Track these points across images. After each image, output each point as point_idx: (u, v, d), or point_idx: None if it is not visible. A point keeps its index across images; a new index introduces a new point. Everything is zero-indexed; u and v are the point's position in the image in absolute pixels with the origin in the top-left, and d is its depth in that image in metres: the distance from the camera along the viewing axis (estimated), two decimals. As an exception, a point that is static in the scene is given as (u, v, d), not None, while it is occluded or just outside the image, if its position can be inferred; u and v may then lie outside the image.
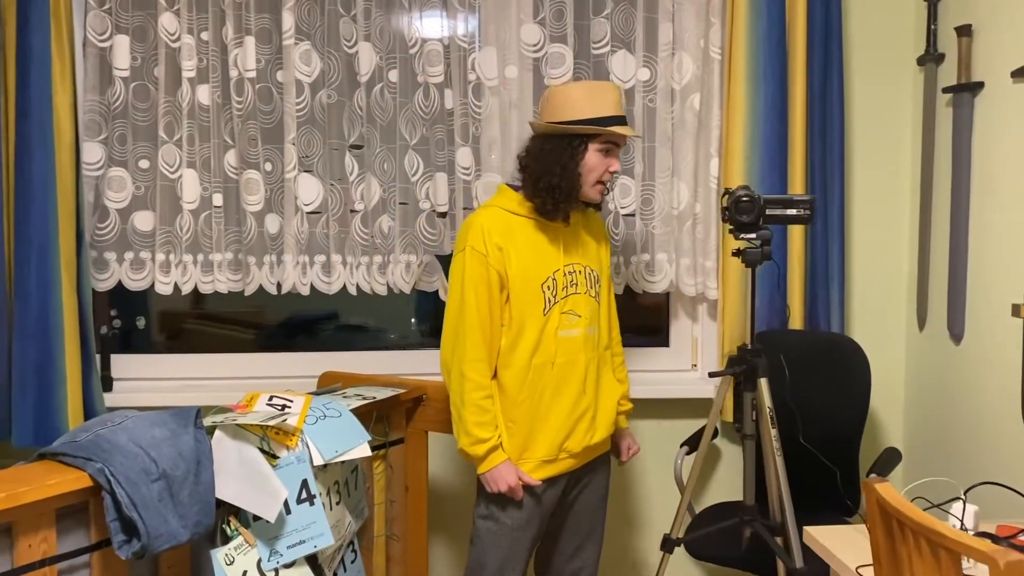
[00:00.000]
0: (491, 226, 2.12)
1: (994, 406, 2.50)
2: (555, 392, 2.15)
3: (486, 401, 2.10)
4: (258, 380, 2.88)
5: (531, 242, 2.16)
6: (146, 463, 1.68)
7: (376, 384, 2.47)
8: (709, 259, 2.81)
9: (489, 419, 2.10)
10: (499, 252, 2.11)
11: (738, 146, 2.74)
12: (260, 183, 2.69)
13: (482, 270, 2.10)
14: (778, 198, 1.87)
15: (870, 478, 1.43)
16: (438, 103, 2.73)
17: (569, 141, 2.10)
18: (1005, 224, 2.47)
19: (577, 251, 2.23)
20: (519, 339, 2.12)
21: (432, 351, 2.94)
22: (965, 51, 2.63)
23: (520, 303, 2.13)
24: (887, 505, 1.35)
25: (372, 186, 2.73)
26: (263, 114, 2.70)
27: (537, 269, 2.15)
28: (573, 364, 2.17)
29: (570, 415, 2.15)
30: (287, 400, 2.08)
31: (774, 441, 1.88)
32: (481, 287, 2.09)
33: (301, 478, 1.96)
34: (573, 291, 2.19)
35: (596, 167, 2.13)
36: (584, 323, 2.19)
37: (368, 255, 2.77)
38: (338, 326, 3.19)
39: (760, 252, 1.89)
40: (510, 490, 2.09)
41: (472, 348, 2.09)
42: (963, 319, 2.65)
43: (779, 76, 2.73)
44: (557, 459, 2.16)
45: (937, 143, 2.80)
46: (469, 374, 2.09)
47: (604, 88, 2.14)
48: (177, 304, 3.00)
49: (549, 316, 2.15)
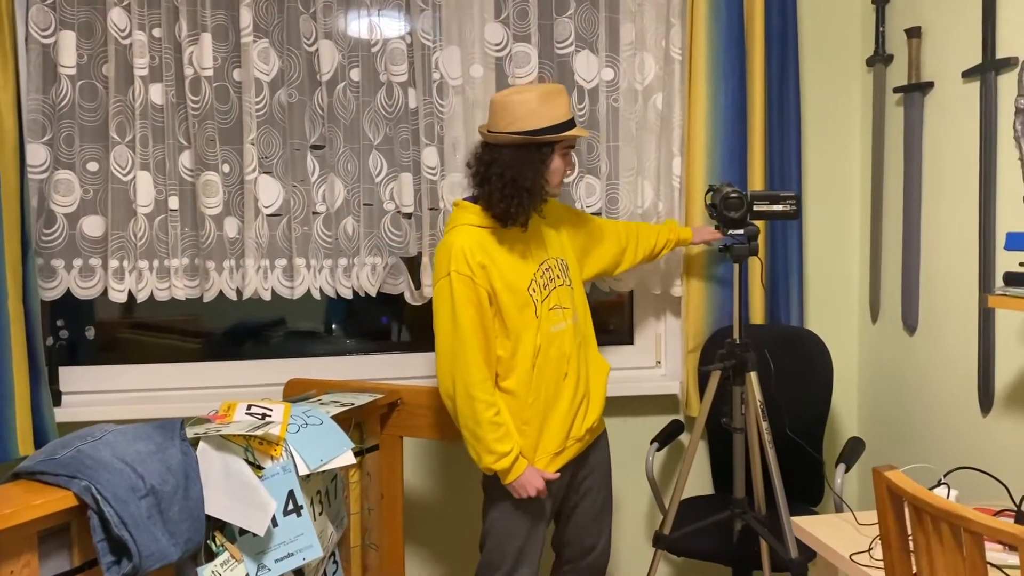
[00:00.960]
0: (470, 246, 2.16)
1: (951, 395, 2.59)
2: (557, 386, 2.22)
3: (498, 417, 2.15)
4: (215, 390, 2.78)
5: (506, 252, 2.21)
6: (133, 479, 1.59)
7: (349, 390, 2.41)
8: (673, 256, 2.83)
9: (505, 432, 2.16)
10: (483, 270, 2.16)
11: (700, 144, 2.77)
12: (218, 185, 2.60)
13: (470, 292, 2.14)
14: (765, 194, 1.90)
15: (882, 466, 1.45)
16: (402, 102, 2.68)
17: (538, 149, 2.18)
18: (955, 218, 2.57)
19: (545, 246, 2.31)
20: (519, 346, 2.18)
21: (394, 355, 2.92)
22: (915, 52, 2.72)
23: (512, 313, 2.18)
24: (902, 492, 1.38)
25: (335, 187, 2.67)
26: (220, 114, 2.60)
27: (520, 277, 2.21)
28: (567, 356, 2.25)
29: (571, 404, 2.24)
30: (267, 409, 2.01)
31: (765, 434, 1.91)
32: (472, 309, 2.13)
33: (287, 489, 1.90)
34: (553, 286, 2.27)
35: (559, 169, 2.24)
36: (570, 313, 2.28)
37: (332, 258, 2.71)
38: (288, 332, 3.11)
39: (747, 247, 1.91)
40: (539, 492, 2.17)
41: (476, 370, 2.13)
42: (917, 310, 2.75)
43: (738, 75, 2.78)
44: (565, 448, 2.25)
45: (887, 141, 2.89)
46: (478, 395, 2.13)
47: (556, 92, 2.20)
48: (113, 313, 2.88)
49: (540, 319, 2.22)
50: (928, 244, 2.70)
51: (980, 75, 2.44)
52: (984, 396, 2.45)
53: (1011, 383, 2.37)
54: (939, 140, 2.64)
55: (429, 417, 2.39)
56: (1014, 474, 2.34)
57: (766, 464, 2.08)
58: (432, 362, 2.85)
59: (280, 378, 2.71)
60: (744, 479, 2.08)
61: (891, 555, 1.46)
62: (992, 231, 2.41)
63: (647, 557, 2.99)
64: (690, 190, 2.80)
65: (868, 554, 1.79)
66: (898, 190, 2.83)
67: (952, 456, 2.57)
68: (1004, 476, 2.35)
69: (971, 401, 2.51)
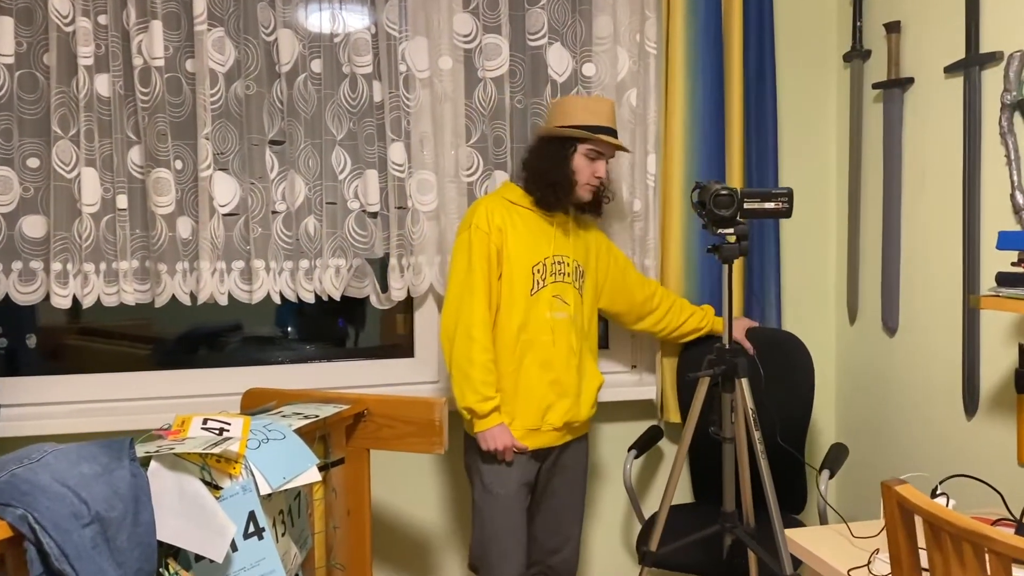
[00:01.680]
0: (493, 209, 2.33)
1: (934, 397, 2.53)
2: (542, 367, 2.32)
3: (491, 363, 2.26)
4: (167, 401, 2.62)
5: (527, 229, 2.35)
6: (76, 505, 1.44)
7: (312, 400, 2.27)
8: (648, 257, 2.74)
9: (493, 380, 2.28)
10: (499, 232, 2.31)
11: (678, 141, 2.68)
12: (171, 182, 2.44)
13: (484, 247, 2.29)
14: (756, 191, 1.81)
15: (891, 480, 1.36)
16: (366, 95, 2.55)
17: (562, 143, 2.33)
18: (937, 216, 2.51)
19: (568, 245, 2.40)
20: (506, 315, 2.29)
21: (359, 362, 2.78)
22: (894, 47, 2.66)
23: (510, 281, 2.31)
24: (917, 509, 1.29)
25: (296, 185, 2.53)
26: (172, 107, 2.45)
27: (530, 252, 2.33)
28: (562, 344, 2.34)
29: (552, 387, 2.32)
30: (224, 423, 1.86)
31: (757, 444, 1.81)
32: (485, 262, 2.28)
33: (248, 510, 1.75)
34: (561, 279, 2.37)
35: (583, 170, 2.34)
36: (571, 310, 2.37)
37: (293, 260, 2.56)
38: (245, 338, 2.95)
39: (737, 247, 1.82)
40: (504, 449, 2.27)
41: (480, 312, 2.25)
42: (897, 311, 2.68)
43: (716, 70, 2.70)
44: (540, 429, 2.33)
45: (865, 139, 2.83)
46: (477, 336, 2.25)
47: (599, 102, 2.36)
48: (57, 319, 2.70)
49: (537, 297, 2.32)
50: (909, 243, 2.64)
51: (963, 70, 2.38)
52: (969, 399, 2.38)
53: (997, 386, 2.31)
54: (920, 137, 2.58)
55: (398, 428, 2.26)
56: (1001, 479, 2.28)
57: (758, 475, 1.99)
58: (401, 369, 2.77)
59: (237, 387, 2.56)
60: (734, 491, 1.98)
61: (901, 573, 1.37)
62: (977, 230, 2.35)
63: (622, 566, 2.89)
64: (666, 188, 2.71)
65: (867, 569, 1.70)
66: (876, 188, 2.76)
67: (936, 461, 2.51)
68: (991, 481, 2.29)
69: (955, 404, 2.45)
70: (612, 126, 2.35)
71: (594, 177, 2.34)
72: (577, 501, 2.45)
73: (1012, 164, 2.22)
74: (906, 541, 1.36)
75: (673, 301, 2.61)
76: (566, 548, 2.44)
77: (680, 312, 2.61)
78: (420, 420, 2.23)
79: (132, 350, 2.85)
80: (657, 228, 2.73)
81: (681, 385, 2.70)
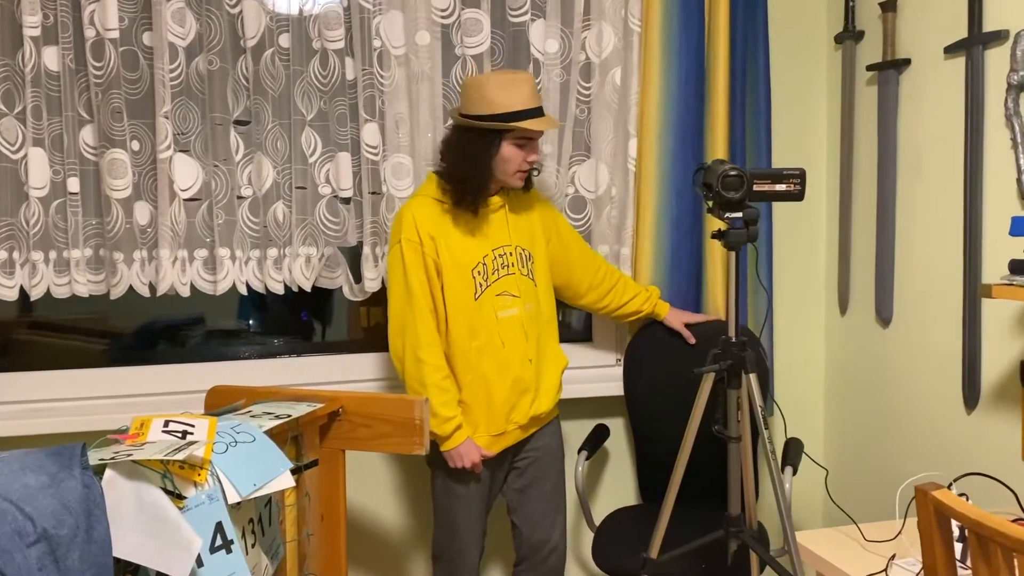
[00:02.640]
0: (421, 216, 2.18)
1: (931, 390, 2.44)
2: (499, 371, 2.22)
3: (446, 382, 2.18)
4: (124, 400, 2.46)
5: (460, 229, 2.21)
6: (19, 522, 1.28)
7: (282, 398, 2.11)
8: (626, 246, 2.61)
9: (451, 398, 2.19)
10: (431, 241, 2.18)
11: (652, 124, 2.56)
12: (127, 164, 2.26)
13: (419, 258, 2.16)
14: (767, 172, 1.69)
15: (925, 484, 1.25)
16: (338, 73, 2.39)
17: (483, 135, 2.15)
18: (935, 202, 2.41)
19: (508, 233, 2.27)
20: (454, 324, 2.19)
21: (330, 356, 2.63)
22: (890, 27, 2.56)
23: (452, 290, 2.19)
24: (963, 518, 1.18)
25: (263, 168, 2.36)
26: (128, 83, 2.27)
27: (467, 256, 2.21)
28: (515, 342, 2.24)
29: (513, 390, 2.24)
30: (187, 425, 1.71)
31: (767, 443, 1.70)
32: (422, 275, 2.16)
33: (215, 521, 1.60)
34: (505, 272, 2.25)
35: (512, 159, 2.18)
36: (520, 302, 2.26)
37: (260, 248, 2.40)
38: (209, 331, 2.78)
39: (746, 233, 1.70)
40: (473, 465, 2.20)
41: (425, 333, 2.16)
42: (891, 302, 2.59)
43: (696, 51, 2.57)
44: (506, 432, 2.26)
45: (857, 122, 2.73)
46: (426, 358, 2.16)
47: (518, 80, 2.16)
48: (4, 312, 2.51)
49: (481, 301, 2.21)
50: (904, 231, 2.54)
51: (965, 50, 2.28)
52: (970, 392, 2.30)
53: (999, 378, 2.23)
54: (917, 120, 2.48)
55: (375, 428, 2.11)
56: (1006, 475, 2.20)
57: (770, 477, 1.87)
58: (375, 363, 2.62)
59: (200, 385, 2.39)
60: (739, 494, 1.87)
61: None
62: (979, 216, 2.26)
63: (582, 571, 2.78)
64: (642, 173, 2.58)
65: (885, 575, 1.59)
66: (870, 173, 2.66)
67: (936, 456, 2.42)
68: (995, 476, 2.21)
69: (955, 397, 2.36)
70: (538, 104, 2.17)
71: (526, 163, 2.19)
72: (558, 488, 2.39)
73: (1019, 147, 2.13)
74: (943, 551, 1.25)
75: (617, 280, 2.48)
76: (552, 536, 2.38)
77: (623, 291, 2.48)
78: (399, 419, 2.09)
79: (86, 345, 2.67)
80: (633, 216, 2.60)
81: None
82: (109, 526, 1.40)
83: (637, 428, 2.58)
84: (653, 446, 2.57)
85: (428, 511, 2.65)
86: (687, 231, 2.59)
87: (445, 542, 2.31)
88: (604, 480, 2.79)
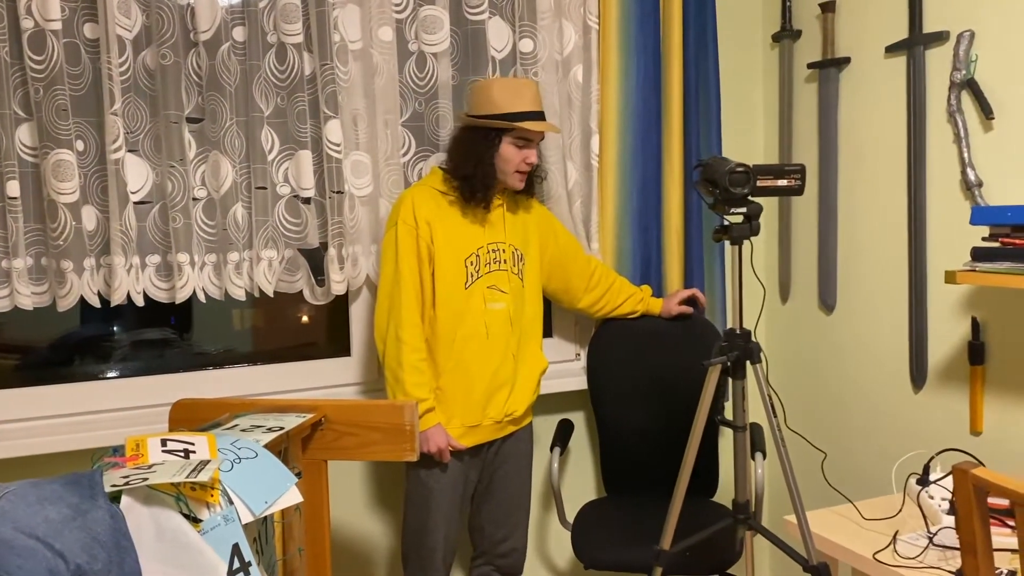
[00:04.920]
0: (420, 202, 2.22)
1: (878, 372, 2.58)
2: (480, 362, 2.24)
3: (422, 363, 2.19)
4: (68, 419, 2.28)
5: (457, 220, 2.25)
6: (50, 560, 1.17)
7: (261, 410, 2.01)
8: (595, 241, 2.64)
9: (425, 380, 2.20)
10: (427, 226, 2.21)
11: (612, 120, 2.59)
12: (74, 166, 2.10)
13: (412, 242, 2.19)
14: (770, 168, 1.73)
15: (962, 463, 1.31)
16: (297, 68, 2.29)
17: (485, 134, 2.22)
18: (878, 194, 2.54)
19: (503, 231, 2.31)
20: (442, 310, 2.21)
21: (284, 364, 2.52)
22: (830, 27, 2.67)
23: (443, 276, 2.21)
24: (1015, 496, 1.25)
25: (220, 168, 2.24)
26: (71, 78, 2.10)
27: (461, 245, 2.24)
28: (498, 336, 2.26)
29: (491, 382, 2.26)
30: (187, 443, 1.61)
31: (776, 431, 1.75)
32: (414, 259, 2.19)
33: (232, 543, 1.51)
34: (496, 268, 2.28)
35: (512, 159, 2.24)
36: (509, 298, 2.29)
37: (217, 253, 2.27)
38: (135, 342, 2.61)
39: (748, 228, 1.74)
40: (440, 451, 2.19)
41: (408, 314, 2.18)
42: (835, 289, 2.72)
43: (653, 48, 2.62)
44: (480, 425, 2.27)
45: (796, 118, 2.84)
46: (406, 338, 2.17)
47: (521, 85, 2.24)
48: None
49: (472, 290, 2.24)
50: (846, 222, 2.67)
51: (907, 50, 2.41)
52: (917, 373, 2.44)
53: (944, 359, 2.37)
54: (857, 115, 2.61)
55: (362, 436, 2.04)
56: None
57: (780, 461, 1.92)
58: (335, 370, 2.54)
59: (130, 401, 2.26)
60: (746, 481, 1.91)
61: (975, 561, 1.33)
62: (923, 207, 2.40)
63: (543, 566, 2.80)
64: (603, 169, 2.62)
65: (892, 551, 1.67)
66: (810, 168, 2.78)
67: (886, 435, 2.56)
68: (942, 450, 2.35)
69: (902, 378, 2.50)
70: (539, 109, 2.24)
71: (524, 164, 2.25)
72: (523, 490, 2.40)
73: (962, 141, 2.27)
74: (981, 527, 1.32)
75: (612, 282, 2.55)
76: (514, 536, 2.40)
77: (618, 294, 2.55)
78: (387, 426, 2.03)
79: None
80: (598, 212, 2.63)
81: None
82: (138, 557, 1.30)
83: (602, 421, 2.61)
84: (618, 439, 2.60)
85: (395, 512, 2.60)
86: (647, 225, 2.64)
87: (415, 539, 2.28)
88: (566, 475, 2.81)
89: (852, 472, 2.67)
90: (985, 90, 2.21)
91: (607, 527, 2.35)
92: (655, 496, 2.58)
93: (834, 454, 2.73)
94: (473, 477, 2.34)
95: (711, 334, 2.59)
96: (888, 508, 1.97)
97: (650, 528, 2.33)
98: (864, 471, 2.61)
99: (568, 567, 2.82)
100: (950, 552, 1.67)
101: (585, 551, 2.26)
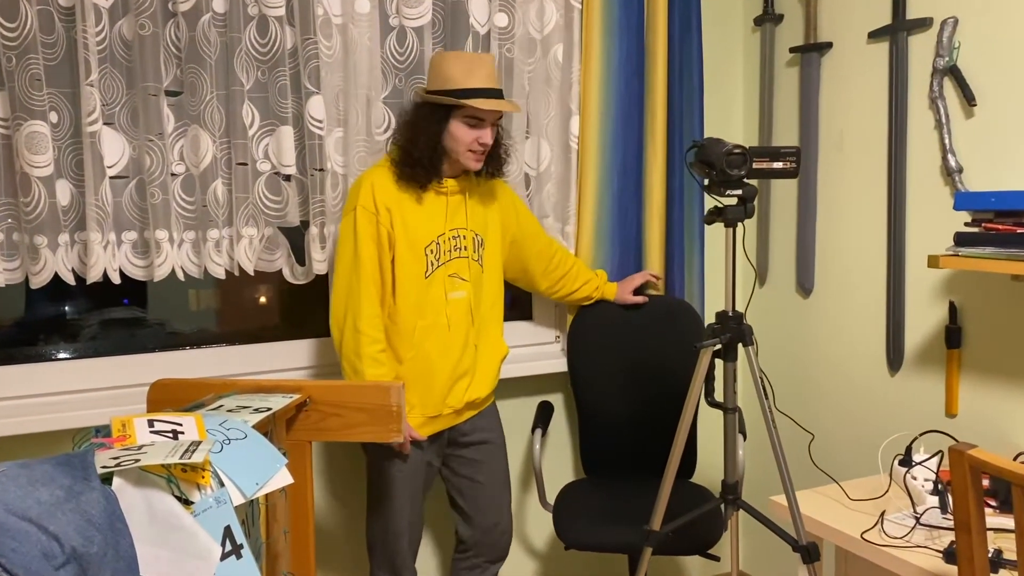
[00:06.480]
0: (380, 185, 2.14)
1: (855, 355, 2.61)
2: (440, 352, 2.20)
3: (382, 355, 2.13)
4: (44, 399, 2.21)
5: (417, 205, 2.18)
6: (44, 543, 1.13)
7: (246, 390, 1.98)
8: (569, 224, 2.63)
9: (385, 372, 2.14)
10: (387, 212, 2.13)
11: (594, 101, 2.58)
12: (47, 138, 2.03)
13: (372, 228, 2.12)
14: (766, 150, 1.73)
15: (957, 444, 1.33)
16: (279, 41, 2.24)
17: (434, 111, 2.12)
18: (858, 179, 2.57)
19: (465, 216, 2.25)
20: (402, 300, 2.15)
21: (258, 344, 2.48)
22: (812, 12, 2.68)
23: (403, 265, 2.15)
24: (1012, 476, 1.26)
25: (200, 143, 2.18)
26: (45, 47, 2.03)
27: (421, 232, 2.17)
28: (459, 326, 2.22)
29: (452, 373, 2.22)
30: (175, 423, 1.57)
31: (768, 413, 1.76)
32: (373, 245, 2.12)
33: (223, 525, 1.47)
34: (457, 255, 2.23)
35: (462, 138, 2.14)
36: (469, 286, 2.24)
37: (195, 230, 2.22)
38: (103, 321, 2.55)
39: (743, 210, 1.74)
40: (400, 445, 2.16)
41: (367, 304, 2.11)
42: (813, 272, 2.74)
43: (637, 29, 2.61)
44: (441, 415, 2.23)
45: (777, 102, 2.86)
46: (364, 329, 2.11)
47: (477, 60, 2.13)
48: None
49: (432, 280, 2.18)
50: (825, 206, 2.69)
51: (890, 35, 2.43)
52: (894, 356, 2.47)
53: (921, 342, 2.41)
54: (839, 100, 2.63)
55: (348, 417, 2.02)
56: (930, 431, 2.38)
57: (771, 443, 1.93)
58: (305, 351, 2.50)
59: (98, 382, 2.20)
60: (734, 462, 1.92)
61: (969, 539, 1.35)
62: (903, 192, 2.43)
63: (522, 547, 2.80)
64: (583, 151, 2.61)
65: (879, 531, 1.69)
66: (789, 152, 2.80)
67: (862, 417, 2.59)
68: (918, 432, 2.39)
69: (879, 361, 2.53)
70: (493, 86, 2.13)
71: (477, 144, 2.15)
72: (500, 469, 2.39)
73: (944, 127, 2.30)
74: (976, 507, 1.34)
75: (571, 266, 2.53)
76: (503, 519, 2.38)
77: (576, 278, 2.54)
78: (373, 407, 2.00)
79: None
80: (576, 194, 2.62)
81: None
82: (132, 540, 1.27)
83: (582, 403, 2.61)
84: (598, 421, 2.61)
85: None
86: (627, 207, 2.64)
87: (380, 527, 2.26)
88: (544, 457, 2.81)
89: (830, 453, 2.70)
90: (968, 77, 2.23)
91: (588, 508, 2.36)
92: (635, 478, 2.59)
93: (815, 435, 2.76)
94: (435, 463, 2.31)
95: (691, 317, 2.60)
96: (872, 489, 2.00)
97: (631, 509, 2.34)
98: (843, 452, 2.65)
99: (547, 548, 2.83)
100: (936, 532, 1.70)
101: (567, 532, 2.26)
